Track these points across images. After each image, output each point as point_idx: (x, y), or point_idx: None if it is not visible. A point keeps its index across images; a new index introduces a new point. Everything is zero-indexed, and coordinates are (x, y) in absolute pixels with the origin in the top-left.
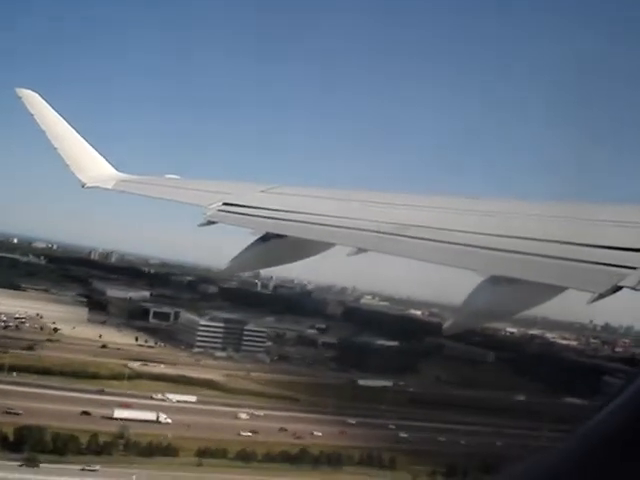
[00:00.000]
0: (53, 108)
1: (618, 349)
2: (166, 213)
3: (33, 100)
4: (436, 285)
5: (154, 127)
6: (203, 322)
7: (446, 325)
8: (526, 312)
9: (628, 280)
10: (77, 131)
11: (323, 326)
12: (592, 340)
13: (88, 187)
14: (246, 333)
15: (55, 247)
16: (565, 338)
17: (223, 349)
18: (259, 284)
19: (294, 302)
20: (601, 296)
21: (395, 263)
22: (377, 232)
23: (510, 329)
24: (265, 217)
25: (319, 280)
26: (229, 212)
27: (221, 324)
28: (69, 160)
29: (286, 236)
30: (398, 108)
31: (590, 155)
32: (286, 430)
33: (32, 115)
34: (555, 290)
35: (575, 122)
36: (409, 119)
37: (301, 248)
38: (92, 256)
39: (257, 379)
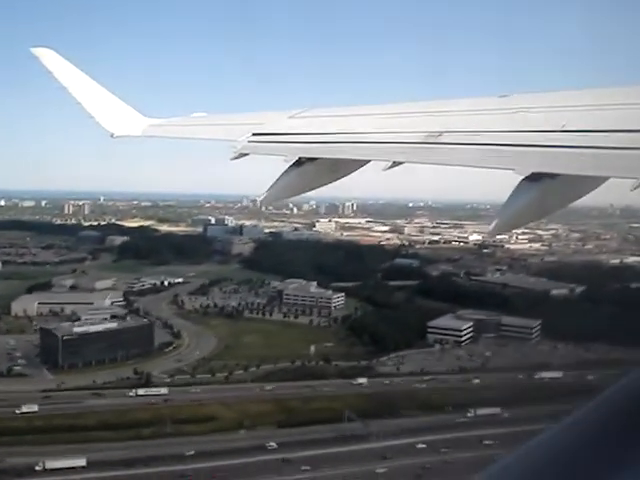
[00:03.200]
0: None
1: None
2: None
3: (50, 57)
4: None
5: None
6: None
7: (490, 227)
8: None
9: None
10: (98, 82)
11: (179, 280)
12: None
13: (117, 137)
14: None
15: (44, 204)
16: (533, 240)
17: None
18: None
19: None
20: None
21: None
22: (410, 143)
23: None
24: (296, 142)
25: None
26: (259, 142)
27: None
28: (94, 112)
29: (319, 159)
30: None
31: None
32: None
33: (51, 73)
34: (597, 181)
35: None
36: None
37: (336, 169)
38: (66, 210)
39: None
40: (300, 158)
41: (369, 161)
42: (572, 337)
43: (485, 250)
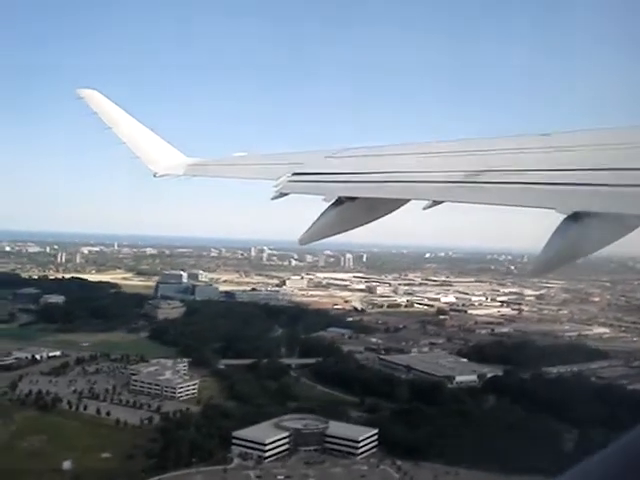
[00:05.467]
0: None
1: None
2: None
3: (95, 98)
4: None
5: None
6: None
7: (531, 267)
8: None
9: None
10: (141, 123)
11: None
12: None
13: (160, 176)
14: None
15: (48, 249)
16: (508, 303)
17: None
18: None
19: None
20: None
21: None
22: (449, 182)
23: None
24: (336, 181)
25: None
26: (299, 182)
27: None
28: (139, 152)
29: (358, 198)
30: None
31: None
32: None
33: (96, 113)
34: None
35: None
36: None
37: (375, 208)
38: (59, 259)
39: None
40: (340, 197)
41: (408, 200)
42: (415, 452)
43: (442, 316)
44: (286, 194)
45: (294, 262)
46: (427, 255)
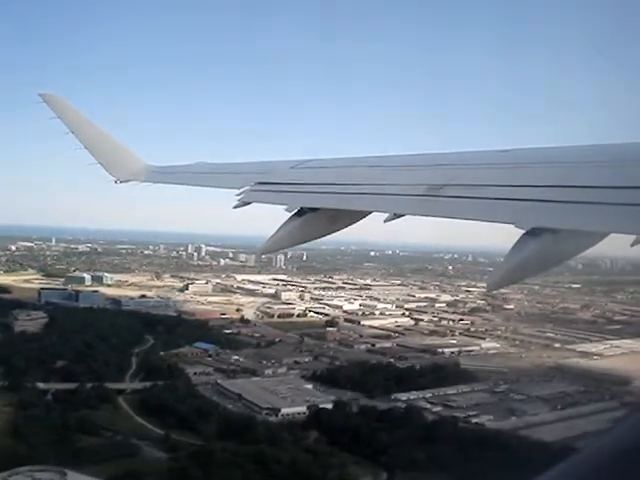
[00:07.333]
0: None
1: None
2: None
3: (57, 103)
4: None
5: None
6: None
7: (489, 281)
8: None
9: None
10: (104, 129)
11: None
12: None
13: (121, 182)
14: None
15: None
16: (417, 311)
17: None
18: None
19: None
20: None
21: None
22: (411, 195)
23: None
24: (299, 192)
25: None
26: (262, 191)
27: None
28: (100, 158)
29: (321, 209)
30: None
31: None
32: None
33: (59, 118)
34: (598, 236)
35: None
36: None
37: (337, 220)
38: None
39: None
40: (302, 208)
41: (370, 212)
42: None
43: (330, 328)
44: (249, 203)
45: (223, 262)
46: (372, 253)
